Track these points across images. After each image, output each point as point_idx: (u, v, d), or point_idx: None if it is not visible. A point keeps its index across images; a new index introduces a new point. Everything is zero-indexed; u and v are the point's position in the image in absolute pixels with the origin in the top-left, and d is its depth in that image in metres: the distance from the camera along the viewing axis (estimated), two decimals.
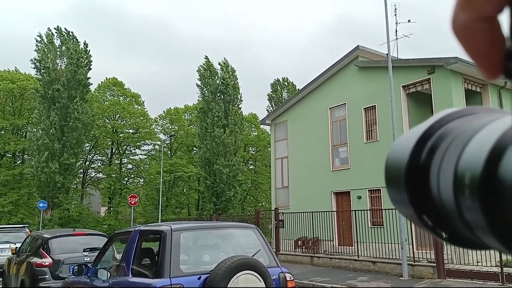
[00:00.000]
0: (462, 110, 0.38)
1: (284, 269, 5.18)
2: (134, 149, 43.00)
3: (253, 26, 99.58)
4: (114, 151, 42.47)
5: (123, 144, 42.25)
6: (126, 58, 79.66)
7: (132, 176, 43.37)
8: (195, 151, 41.32)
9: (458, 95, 15.09)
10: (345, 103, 18.87)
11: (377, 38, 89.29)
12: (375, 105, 17.40)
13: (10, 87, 36.62)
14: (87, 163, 40.53)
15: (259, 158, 46.20)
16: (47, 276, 8.73)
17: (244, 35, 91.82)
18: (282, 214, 17.15)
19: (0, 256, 14.59)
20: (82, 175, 39.77)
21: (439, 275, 11.40)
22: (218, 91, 34.24)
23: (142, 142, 42.59)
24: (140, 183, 43.18)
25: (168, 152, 43.64)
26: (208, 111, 33.47)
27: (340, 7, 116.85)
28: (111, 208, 40.77)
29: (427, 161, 0.35)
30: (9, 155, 38.22)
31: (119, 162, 42.53)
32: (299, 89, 26.54)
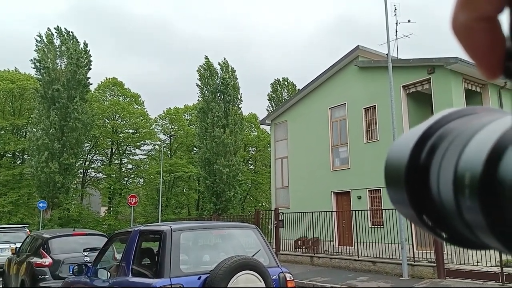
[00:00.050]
0: (462, 110, 0.38)
1: (284, 269, 5.18)
2: (134, 149, 43.01)
3: (253, 26, 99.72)
4: (114, 151, 42.46)
5: (123, 144, 42.24)
6: (126, 58, 79.75)
7: (132, 176, 43.36)
8: (195, 151, 41.31)
9: (458, 95, 15.09)
10: (345, 103, 18.87)
11: (377, 38, 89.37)
12: (375, 105, 17.40)
13: (10, 87, 36.61)
14: (87, 163, 40.52)
15: (259, 158, 46.17)
16: (47, 276, 8.73)
17: (244, 35, 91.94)
18: (282, 214, 17.15)
19: (0, 256, 14.59)
20: (82, 175, 39.76)
21: (439, 275, 11.40)
22: (218, 91, 34.22)
23: (142, 142, 42.59)
24: (140, 183, 43.17)
25: (168, 152, 43.62)
26: (208, 111, 33.45)
27: (340, 7, 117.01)
28: (111, 208, 40.76)
29: (427, 161, 0.35)
30: (9, 155, 38.20)
31: (119, 162, 42.52)
32: (299, 89, 26.53)
